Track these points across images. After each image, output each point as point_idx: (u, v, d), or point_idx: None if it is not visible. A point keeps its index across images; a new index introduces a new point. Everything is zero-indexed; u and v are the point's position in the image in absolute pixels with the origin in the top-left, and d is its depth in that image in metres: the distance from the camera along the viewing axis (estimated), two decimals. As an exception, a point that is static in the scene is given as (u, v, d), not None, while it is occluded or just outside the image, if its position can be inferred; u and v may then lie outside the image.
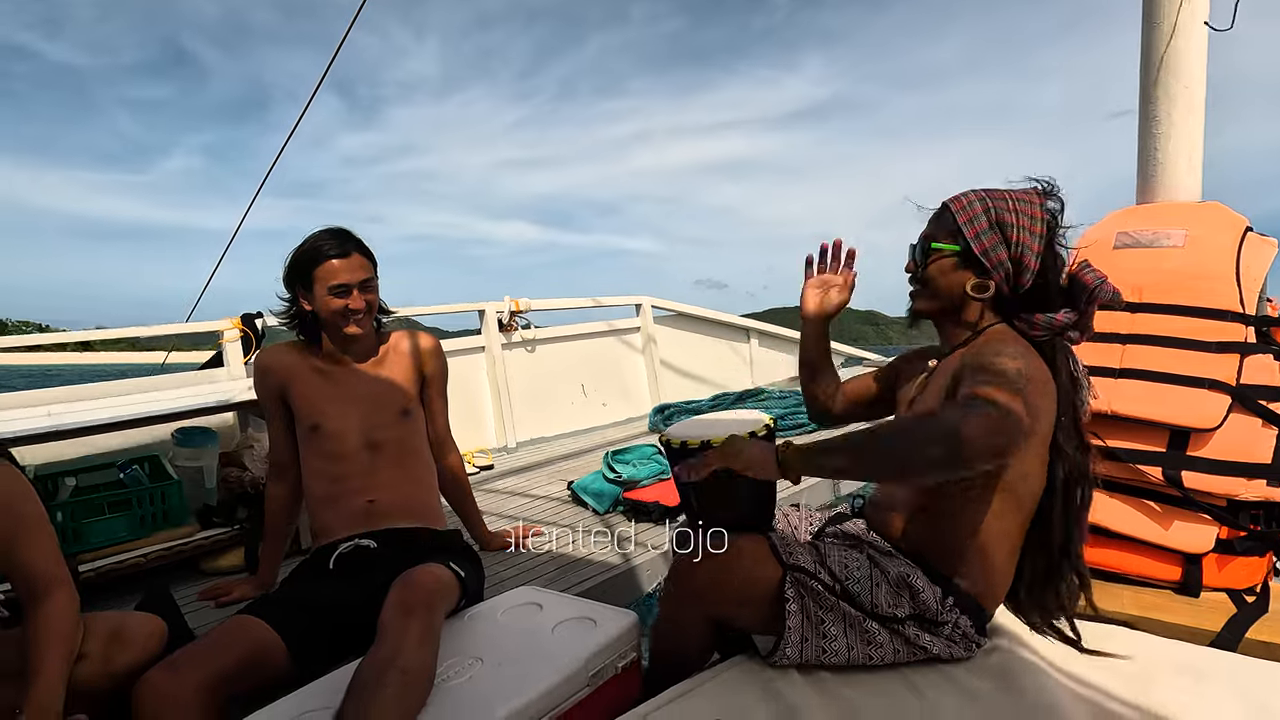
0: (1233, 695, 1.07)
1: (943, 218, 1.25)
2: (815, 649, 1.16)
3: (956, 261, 1.23)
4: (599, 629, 1.33)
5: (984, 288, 1.21)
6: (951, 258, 1.23)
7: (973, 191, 1.23)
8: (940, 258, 1.24)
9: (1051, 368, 1.17)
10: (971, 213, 1.21)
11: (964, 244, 1.21)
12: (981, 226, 1.20)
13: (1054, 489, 1.18)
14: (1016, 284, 1.20)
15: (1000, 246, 1.19)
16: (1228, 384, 1.49)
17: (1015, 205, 1.19)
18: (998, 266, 1.19)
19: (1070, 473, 1.18)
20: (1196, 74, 1.79)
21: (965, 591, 1.17)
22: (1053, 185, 1.22)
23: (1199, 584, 1.49)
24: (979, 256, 1.19)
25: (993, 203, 1.20)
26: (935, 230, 1.26)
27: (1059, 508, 1.19)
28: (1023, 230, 1.18)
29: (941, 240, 1.24)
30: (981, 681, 1.13)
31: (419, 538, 1.66)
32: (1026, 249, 1.17)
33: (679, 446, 1.26)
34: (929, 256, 1.25)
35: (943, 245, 1.23)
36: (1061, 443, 1.17)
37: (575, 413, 4.34)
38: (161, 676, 1.16)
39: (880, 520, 1.30)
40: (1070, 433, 1.18)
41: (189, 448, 2.38)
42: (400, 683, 1.10)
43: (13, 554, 1.19)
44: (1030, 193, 1.22)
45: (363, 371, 1.76)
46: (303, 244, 1.69)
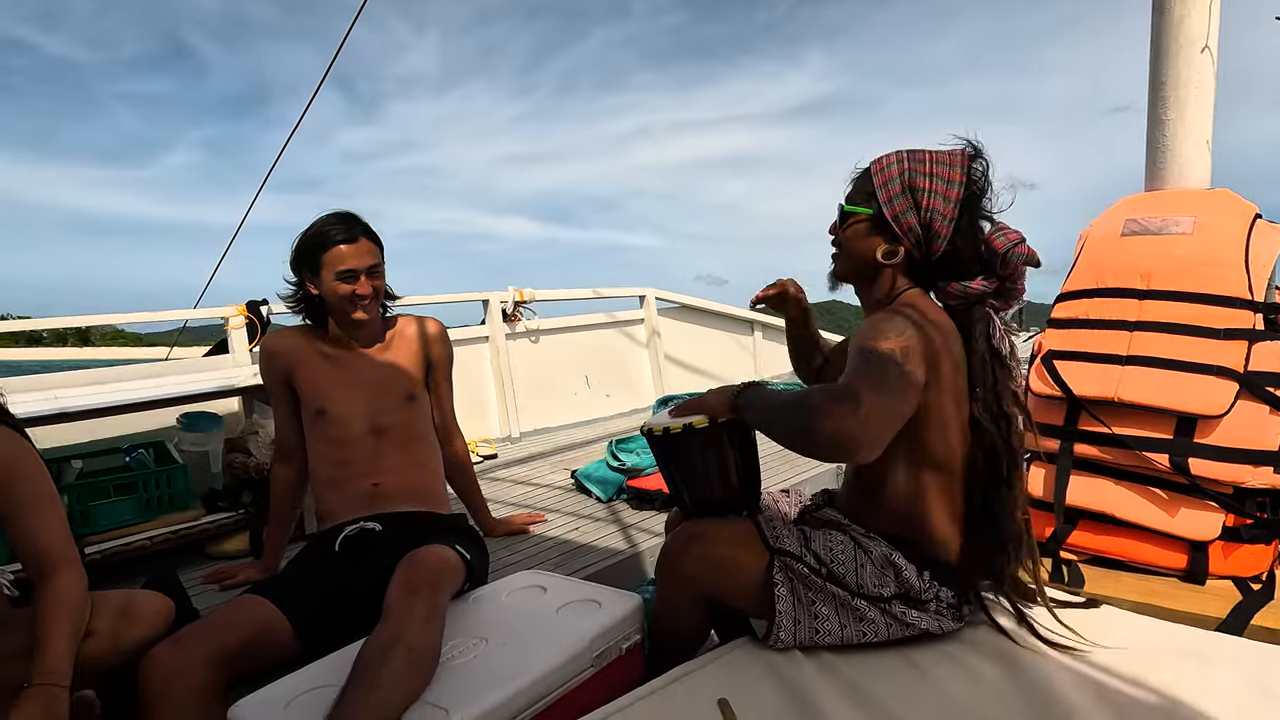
0: (1238, 678, 1.07)
1: (862, 179, 1.23)
2: (809, 630, 1.17)
3: (869, 226, 1.20)
4: (603, 611, 1.33)
5: (893, 253, 1.18)
6: (865, 222, 1.21)
7: (895, 153, 1.20)
8: (855, 222, 1.22)
9: (968, 337, 1.15)
10: (887, 175, 1.18)
11: (876, 207, 1.18)
12: (894, 190, 1.17)
13: (973, 462, 1.17)
14: (928, 250, 1.17)
15: (910, 211, 1.16)
16: (1235, 371, 1.48)
17: (932, 169, 1.16)
18: (907, 232, 1.16)
19: (988, 446, 1.16)
20: (1207, 57, 1.78)
21: (938, 561, 1.18)
22: (979, 147, 1.19)
23: (1205, 571, 1.48)
24: (889, 221, 1.17)
25: (910, 165, 1.17)
26: (854, 193, 1.24)
27: (978, 481, 1.17)
28: (935, 195, 1.14)
29: (858, 202, 1.22)
30: (984, 660, 1.13)
31: (424, 521, 1.66)
32: (937, 214, 1.14)
33: (662, 434, 1.27)
34: (845, 220, 1.24)
35: (856, 208, 1.21)
36: (977, 415, 1.15)
37: (579, 403, 4.34)
38: (168, 652, 1.17)
39: (848, 506, 1.32)
40: (988, 405, 1.16)
41: (194, 432, 2.39)
42: (406, 660, 1.11)
43: (24, 526, 1.20)
44: (955, 154, 1.18)
45: (368, 356, 1.76)
46: (309, 228, 1.69)
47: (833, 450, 1.01)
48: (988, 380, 1.16)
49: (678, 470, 1.32)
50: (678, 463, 1.31)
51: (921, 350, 1.08)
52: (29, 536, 1.21)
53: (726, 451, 1.28)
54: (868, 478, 1.24)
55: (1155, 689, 1.04)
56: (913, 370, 1.06)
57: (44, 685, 1.08)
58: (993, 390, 1.16)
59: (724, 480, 1.30)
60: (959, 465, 1.17)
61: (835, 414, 0.99)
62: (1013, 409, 1.18)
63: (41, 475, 1.25)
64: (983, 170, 1.18)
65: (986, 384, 1.16)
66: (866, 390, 1.01)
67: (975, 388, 1.15)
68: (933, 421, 1.13)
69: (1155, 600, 1.43)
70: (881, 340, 1.07)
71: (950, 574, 1.18)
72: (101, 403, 2.10)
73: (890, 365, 1.04)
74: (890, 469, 1.17)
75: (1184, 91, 1.78)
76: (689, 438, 1.26)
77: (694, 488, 1.32)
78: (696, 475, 1.30)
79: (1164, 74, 1.81)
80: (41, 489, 1.24)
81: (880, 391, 1.01)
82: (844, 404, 1.00)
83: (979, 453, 1.17)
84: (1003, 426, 1.16)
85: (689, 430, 1.25)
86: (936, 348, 1.10)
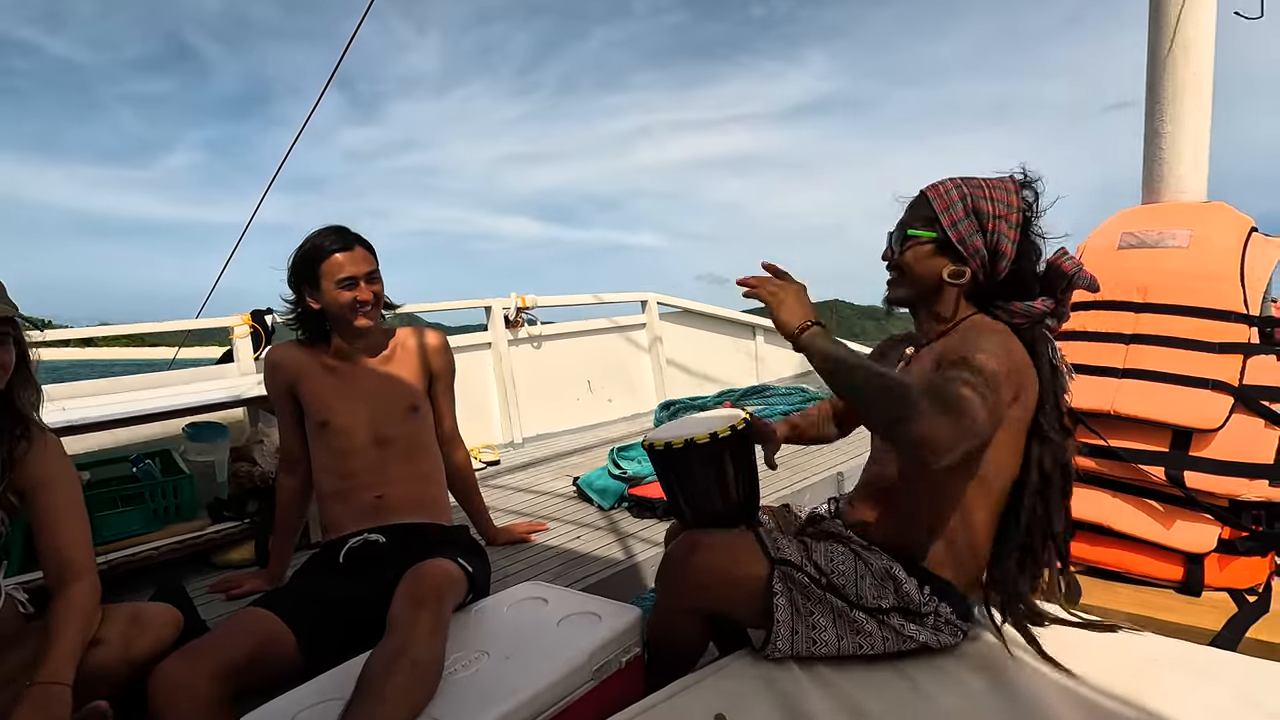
0: (1230, 693, 1.08)
1: (919, 205, 1.25)
2: (805, 640, 1.18)
3: (933, 249, 1.22)
4: (603, 624, 1.35)
5: (960, 274, 1.21)
6: (928, 245, 1.22)
7: (950, 180, 1.23)
8: (917, 244, 1.24)
9: (1033, 355, 1.17)
10: (948, 200, 1.20)
11: (940, 231, 1.20)
12: (958, 214, 1.19)
13: (1031, 477, 1.18)
14: (993, 272, 1.19)
15: (976, 234, 1.18)
16: (1230, 385, 1.49)
17: (991, 194, 1.19)
18: (974, 254, 1.19)
19: (1054, 459, 1.18)
20: (1204, 69, 1.79)
21: (942, 580, 1.19)
22: (1029, 175, 1.22)
23: (1200, 583, 1.50)
24: (956, 244, 1.19)
25: (969, 190, 1.20)
26: (912, 217, 1.26)
27: (1039, 496, 1.19)
28: (999, 219, 1.18)
29: (918, 227, 1.24)
30: (977, 676, 1.14)
31: (427, 533, 1.68)
32: (1003, 236, 1.17)
33: (663, 448, 1.28)
34: (905, 243, 1.25)
35: (920, 232, 1.23)
36: (1046, 430, 1.17)
37: (581, 409, 4.35)
38: (176, 665, 1.19)
39: (856, 518, 1.33)
40: (1053, 420, 1.18)
41: (200, 442, 2.41)
42: (410, 674, 1.12)
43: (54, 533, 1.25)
44: (1006, 181, 1.22)
45: (371, 368, 1.78)
46: (303, 244, 1.71)
47: (914, 449, 1.01)
48: (1051, 398, 1.18)
49: (678, 483, 1.34)
50: (678, 476, 1.33)
51: (1013, 372, 1.11)
52: (56, 543, 1.24)
53: (726, 466, 1.30)
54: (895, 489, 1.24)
55: (1148, 705, 1.05)
56: (1005, 396, 1.09)
57: (45, 684, 1.10)
58: (1055, 408, 1.19)
59: (724, 493, 1.31)
60: (1004, 481, 1.19)
61: (939, 423, 0.99)
62: (1071, 423, 1.21)
63: (76, 486, 1.30)
64: (1034, 197, 1.22)
65: (1051, 401, 1.18)
66: (970, 406, 1.02)
67: (1044, 404, 1.17)
68: (1000, 438, 1.14)
69: (1151, 612, 1.45)
70: (986, 360, 1.08)
71: (951, 592, 1.19)
72: (108, 415, 2.12)
73: (987, 387, 1.06)
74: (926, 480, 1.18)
75: (1181, 104, 1.79)
76: (689, 452, 1.27)
77: (694, 501, 1.33)
78: (696, 488, 1.32)
79: (1161, 87, 1.82)
80: (74, 499, 1.29)
81: (979, 409, 1.03)
82: (948, 416, 1.01)
83: (1043, 466, 1.18)
84: (1062, 441, 1.19)
85: (689, 445, 1.27)
86: (1022, 368, 1.14)
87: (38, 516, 1.25)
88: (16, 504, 1.23)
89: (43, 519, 1.25)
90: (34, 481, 1.24)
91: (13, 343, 1.18)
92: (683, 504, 1.35)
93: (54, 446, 1.28)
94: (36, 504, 1.24)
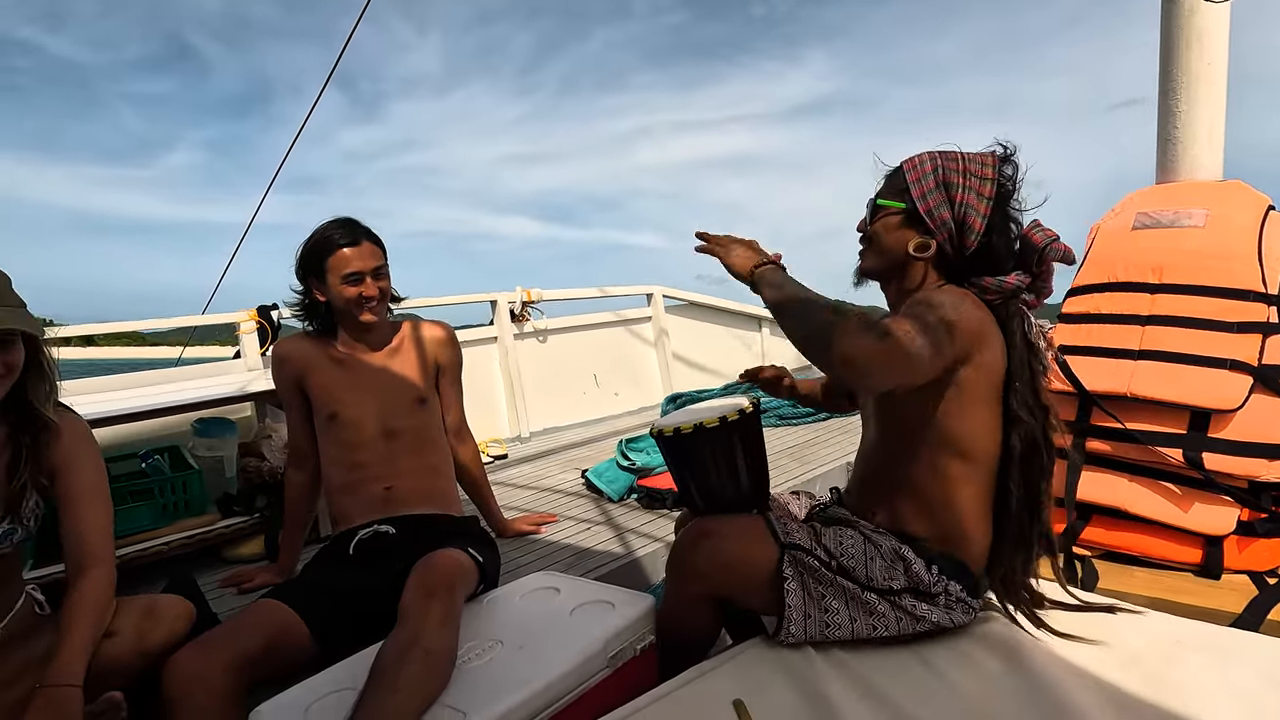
0: (1255, 674, 1.06)
1: (894, 176, 1.25)
2: (819, 624, 1.17)
3: (901, 219, 1.21)
4: (616, 612, 1.34)
5: (925, 247, 1.19)
6: (897, 215, 1.22)
7: (927, 152, 1.22)
8: (886, 214, 1.23)
9: (1006, 330, 1.16)
10: (920, 171, 1.20)
11: (909, 202, 1.20)
12: (928, 186, 1.18)
13: (1010, 455, 1.17)
14: (961, 245, 1.18)
15: (944, 206, 1.17)
16: (1249, 364, 1.47)
17: (965, 166, 1.18)
18: (941, 226, 1.17)
19: (1026, 438, 1.17)
20: (1218, 49, 1.76)
21: (948, 556, 1.18)
22: (1011, 149, 1.21)
23: (1220, 566, 1.48)
24: (923, 215, 1.18)
25: (943, 162, 1.19)
26: (885, 189, 1.26)
27: (1015, 474, 1.18)
28: (969, 190, 1.16)
29: (889, 197, 1.23)
30: (994, 657, 1.13)
31: (437, 524, 1.67)
32: (971, 209, 1.16)
33: (671, 434, 1.27)
34: (876, 213, 1.25)
35: (889, 202, 1.23)
36: (1015, 408, 1.16)
37: (588, 402, 4.34)
38: (190, 657, 1.18)
39: (858, 502, 1.32)
40: (1025, 398, 1.17)
41: (209, 438, 2.41)
42: (424, 663, 1.12)
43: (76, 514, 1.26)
44: (986, 155, 1.20)
45: (379, 361, 1.77)
46: (312, 235, 1.71)
47: (844, 369, 1.00)
48: (1024, 374, 1.17)
49: (687, 470, 1.33)
50: (687, 462, 1.32)
51: (971, 328, 1.10)
52: (77, 527, 1.25)
53: (735, 450, 1.29)
54: (884, 470, 1.24)
55: (1169, 685, 1.04)
56: (948, 338, 1.06)
57: (55, 686, 1.09)
58: (1030, 384, 1.17)
59: (733, 479, 1.31)
60: (987, 457, 1.18)
61: (864, 343, 0.98)
62: (1049, 401, 1.19)
63: (100, 470, 1.31)
64: (1013, 172, 1.20)
65: (1024, 377, 1.17)
66: (898, 331, 1.00)
67: (1014, 381, 1.16)
68: (964, 404, 1.13)
69: (1170, 595, 1.43)
70: (939, 306, 1.08)
71: (957, 567, 1.18)
72: (119, 410, 2.12)
73: (938, 326, 1.05)
74: (909, 456, 1.18)
75: (1195, 82, 1.77)
76: (698, 437, 1.27)
77: (703, 487, 1.32)
78: (706, 474, 1.31)
79: (1175, 65, 1.79)
80: (99, 482, 1.30)
81: (914, 337, 1.01)
82: (874, 338, 0.99)
83: (1016, 445, 1.17)
84: (1040, 417, 1.17)
85: (698, 430, 1.26)
86: (985, 330, 1.12)
87: (60, 498, 1.26)
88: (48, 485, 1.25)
89: (64, 500, 1.26)
90: (57, 463, 1.25)
91: (21, 343, 1.17)
92: (693, 490, 1.34)
93: (76, 428, 1.29)
94: (58, 486, 1.26)
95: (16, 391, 1.20)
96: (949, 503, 1.18)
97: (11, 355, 1.16)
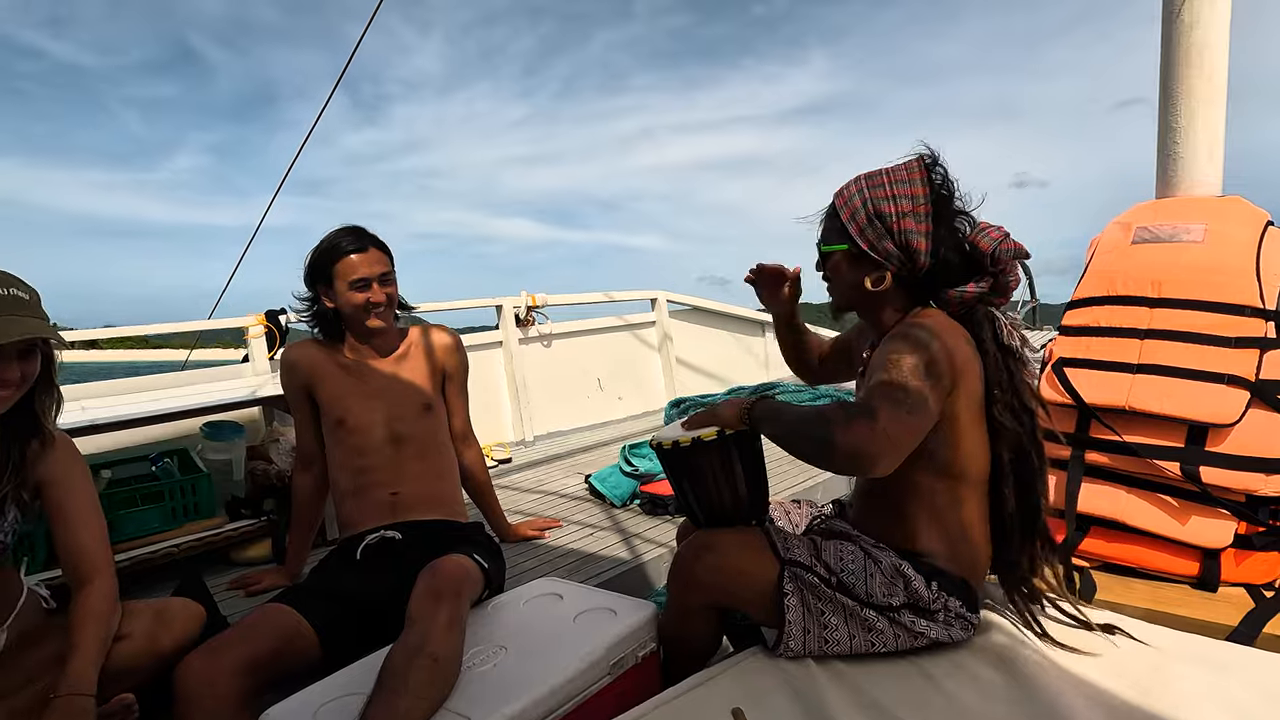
0: (1250, 688, 1.08)
1: (830, 216, 1.25)
2: (817, 640, 1.19)
3: (849, 260, 1.22)
4: (619, 619, 1.36)
5: (880, 280, 1.20)
6: (844, 257, 1.22)
7: (854, 182, 1.22)
8: (835, 259, 1.24)
9: (977, 340, 1.16)
10: (851, 208, 1.19)
11: (851, 241, 1.20)
12: (862, 221, 1.18)
13: (1002, 466, 1.18)
14: (914, 268, 1.18)
15: (885, 237, 1.17)
16: (1247, 379, 1.48)
17: (893, 190, 1.17)
18: (889, 258, 1.17)
19: (1014, 444, 1.17)
20: (1218, 64, 1.77)
21: (947, 573, 1.19)
22: (934, 155, 1.20)
23: (1217, 579, 1.49)
24: (867, 251, 1.18)
25: (870, 193, 1.18)
26: (826, 230, 1.26)
27: (1010, 481, 1.19)
28: (904, 216, 1.16)
29: (832, 240, 1.24)
30: (993, 669, 1.15)
31: (443, 529, 1.70)
32: (912, 233, 1.16)
33: (670, 447, 1.29)
34: (825, 260, 1.26)
35: (831, 247, 1.23)
36: (998, 415, 1.17)
37: (591, 407, 4.37)
38: (200, 661, 1.21)
39: (858, 517, 1.33)
40: (1008, 403, 1.17)
41: (218, 441, 2.44)
42: (430, 668, 1.14)
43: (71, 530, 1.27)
44: (911, 168, 1.19)
45: (386, 367, 1.80)
46: (321, 243, 1.74)
47: (850, 464, 1.04)
48: (1003, 379, 1.17)
49: (687, 482, 1.35)
50: (687, 475, 1.34)
51: (942, 359, 1.10)
52: (73, 541, 1.27)
53: (734, 464, 1.30)
54: (881, 490, 1.26)
55: (1164, 699, 1.05)
56: (933, 382, 1.08)
57: (70, 696, 1.12)
58: (1010, 387, 1.17)
59: (733, 492, 1.32)
60: (979, 471, 1.19)
61: (853, 429, 1.02)
62: (1033, 403, 1.19)
63: (89, 484, 1.33)
64: (943, 175, 1.19)
65: (1003, 383, 1.17)
66: (885, 406, 1.03)
67: (994, 388, 1.17)
68: (952, 430, 1.14)
69: (1167, 608, 1.44)
70: (900, 356, 1.09)
71: (957, 584, 1.20)
72: (129, 414, 2.15)
73: (909, 380, 1.06)
74: (905, 481, 1.19)
75: (1195, 97, 1.78)
76: (697, 450, 1.28)
77: (703, 499, 1.34)
78: (705, 487, 1.32)
79: (1174, 80, 1.81)
80: (89, 497, 1.31)
81: (897, 406, 1.04)
82: (860, 419, 1.02)
83: (1005, 453, 1.18)
84: (1026, 421, 1.18)
85: (697, 443, 1.27)
86: (956, 355, 1.12)
87: (52, 516, 1.28)
88: (29, 501, 1.25)
89: (57, 518, 1.27)
90: (47, 481, 1.26)
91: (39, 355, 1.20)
92: (692, 502, 1.36)
93: (66, 446, 1.30)
94: (50, 503, 1.27)
95: (22, 402, 1.21)
96: (948, 522, 1.19)
97: (30, 365, 1.18)
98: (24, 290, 1.17)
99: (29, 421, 1.23)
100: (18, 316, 1.13)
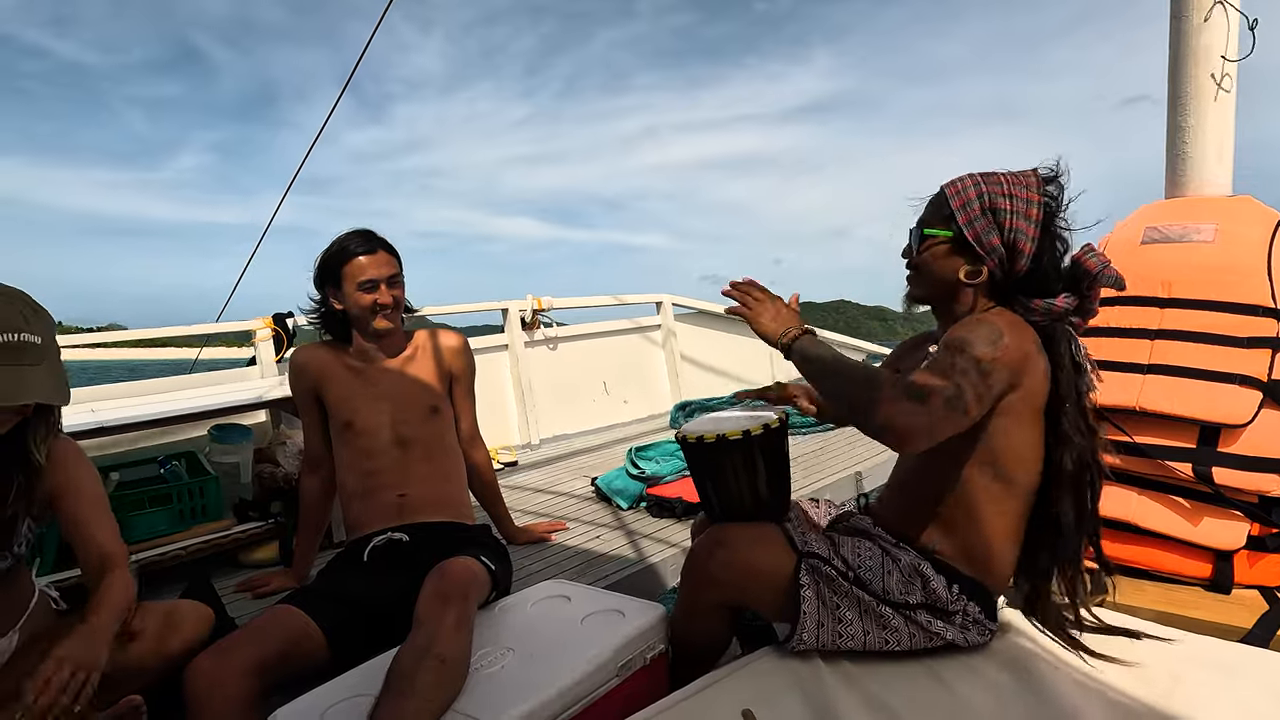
0: (1264, 691, 1.07)
1: (938, 203, 1.24)
2: (831, 634, 1.18)
3: (950, 247, 1.21)
4: (627, 621, 1.35)
5: (976, 274, 1.20)
6: (945, 244, 1.22)
7: (969, 176, 1.22)
8: (934, 244, 1.23)
9: (1054, 353, 1.16)
10: (965, 198, 1.19)
11: (957, 230, 1.19)
12: (974, 212, 1.18)
13: (1061, 476, 1.18)
14: (1011, 269, 1.18)
15: (993, 232, 1.17)
16: (1259, 379, 1.47)
17: (1010, 189, 1.17)
18: (991, 252, 1.17)
19: (1078, 460, 1.17)
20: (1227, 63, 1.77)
21: (971, 578, 1.19)
22: (1054, 169, 1.20)
23: (1230, 581, 1.48)
24: (971, 242, 1.18)
25: (987, 187, 1.18)
26: (930, 216, 1.25)
27: (1068, 496, 1.18)
28: (1017, 215, 1.16)
29: (935, 226, 1.23)
30: (1005, 673, 1.14)
31: (450, 532, 1.70)
32: (1020, 234, 1.16)
33: (695, 441, 1.29)
34: (923, 242, 1.25)
35: (936, 231, 1.22)
36: (1067, 429, 1.16)
37: (597, 410, 4.37)
38: (209, 662, 1.21)
39: (885, 515, 1.32)
40: (1075, 419, 1.17)
41: (225, 444, 2.44)
42: (439, 670, 1.14)
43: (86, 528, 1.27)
44: (1028, 175, 1.20)
45: (393, 369, 1.80)
46: (330, 245, 1.75)
47: (883, 436, 1.05)
48: (1072, 395, 1.17)
49: (708, 477, 1.34)
50: (709, 470, 1.33)
51: (1012, 359, 1.10)
52: (90, 537, 1.27)
53: (757, 463, 1.30)
54: (919, 483, 1.25)
55: (1180, 703, 1.04)
56: (990, 383, 1.08)
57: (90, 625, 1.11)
58: (1078, 405, 1.18)
59: (753, 490, 1.31)
60: (1026, 479, 1.18)
61: (901, 407, 1.03)
62: (1096, 422, 1.20)
63: (97, 483, 1.33)
64: (1058, 190, 1.20)
65: (1072, 399, 1.17)
66: (938, 397, 1.04)
67: (1065, 402, 1.16)
68: (1009, 425, 1.14)
69: (1180, 610, 1.43)
70: (975, 346, 1.09)
71: (979, 589, 1.19)
72: (137, 416, 2.16)
73: (970, 374, 1.06)
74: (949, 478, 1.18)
75: (1204, 98, 1.77)
76: (721, 447, 1.28)
77: (722, 495, 1.33)
78: (727, 484, 1.32)
79: (1183, 80, 1.80)
80: (98, 493, 1.32)
81: (950, 402, 1.04)
82: (912, 401, 1.03)
83: (1068, 465, 1.17)
84: (1089, 439, 1.18)
85: (721, 440, 1.27)
86: (1021, 353, 1.12)
87: (65, 521, 1.28)
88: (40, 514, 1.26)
89: (72, 521, 1.28)
90: (56, 493, 1.26)
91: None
92: (712, 498, 1.35)
93: (68, 450, 1.29)
94: (63, 510, 1.27)
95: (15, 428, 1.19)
96: (981, 524, 1.18)
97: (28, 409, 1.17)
98: (35, 330, 1.10)
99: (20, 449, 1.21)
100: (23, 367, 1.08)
